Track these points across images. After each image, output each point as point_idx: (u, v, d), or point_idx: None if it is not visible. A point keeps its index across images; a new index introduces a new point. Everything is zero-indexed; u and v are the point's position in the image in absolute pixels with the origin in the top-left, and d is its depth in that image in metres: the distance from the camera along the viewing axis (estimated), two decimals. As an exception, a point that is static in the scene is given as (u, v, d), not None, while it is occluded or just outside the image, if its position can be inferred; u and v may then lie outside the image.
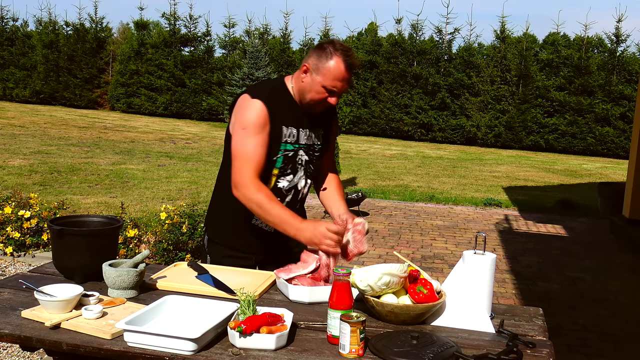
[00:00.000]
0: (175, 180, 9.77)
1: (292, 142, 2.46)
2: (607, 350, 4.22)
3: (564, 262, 6.44)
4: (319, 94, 2.37)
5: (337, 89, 2.36)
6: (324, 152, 2.61)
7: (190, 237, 5.63)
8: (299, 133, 2.47)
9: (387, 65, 19.62)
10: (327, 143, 2.62)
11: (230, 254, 2.58)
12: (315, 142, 2.54)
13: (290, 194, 2.52)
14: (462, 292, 2.01)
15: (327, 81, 2.34)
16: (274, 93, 2.45)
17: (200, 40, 22.08)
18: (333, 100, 2.39)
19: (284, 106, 2.43)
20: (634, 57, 18.40)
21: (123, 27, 32.00)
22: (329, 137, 2.63)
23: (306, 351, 1.73)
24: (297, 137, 2.47)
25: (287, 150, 2.45)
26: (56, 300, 1.88)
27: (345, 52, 2.35)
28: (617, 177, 13.31)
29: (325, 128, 2.58)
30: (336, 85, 2.35)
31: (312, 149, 2.52)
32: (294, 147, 2.46)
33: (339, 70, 2.33)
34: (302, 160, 2.50)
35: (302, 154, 2.49)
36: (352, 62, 2.35)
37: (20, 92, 23.03)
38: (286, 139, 2.43)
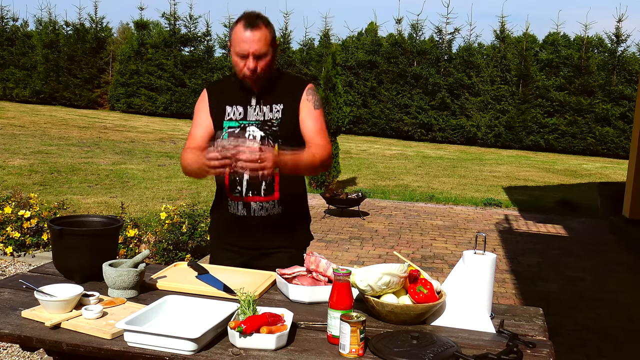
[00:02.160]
0: (175, 180, 9.77)
1: (237, 119, 2.53)
2: (607, 350, 4.22)
3: (564, 262, 6.44)
4: (237, 64, 2.44)
5: (246, 51, 2.38)
6: (289, 127, 2.50)
7: (190, 237, 5.63)
8: (247, 110, 2.53)
9: (387, 65, 19.62)
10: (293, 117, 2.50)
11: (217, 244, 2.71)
12: (273, 117, 2.51)
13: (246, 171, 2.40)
14: (462, 292, 2.01)
15: (235, 48, 2.42)
16: (221, 80, 2.72)
17: (200, 40, 22.08)
18: (249, 64, 2.38)
19: (230, 88, 2.58)
20: (634, 57, 18.40)
21: (123, 27, 32.01)
22: (296, 111, 2.51)
23: (306, 351, 1.73)
24: (244, 114, 2.53)
25: (232, 127, 2.52)
26: (56, 300, 1.88)
27: (246, 15, 2.42)
28: (617, 177, 13.31)
29: (286, 102, 2.52)
30: (242, 47, 2.39)
31: (267, 124, 2.50)
32: (239, 124, 2.52)
33: (239, 33, 2.40)
34: (253, 136, 2.49)
35: (254, 129, 2.50)
36: (251, 20, 2.38)
37: (20, 92, 23.03)
38: (230, 116, 2.53)
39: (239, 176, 2.50)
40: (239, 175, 2.50)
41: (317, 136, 2.53)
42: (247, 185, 2.51)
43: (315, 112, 2.55)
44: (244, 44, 2.39)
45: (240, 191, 2.52)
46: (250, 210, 2.52)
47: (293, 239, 2.62)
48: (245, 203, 2.51)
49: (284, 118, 2.52)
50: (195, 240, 5.67)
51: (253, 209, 2.52)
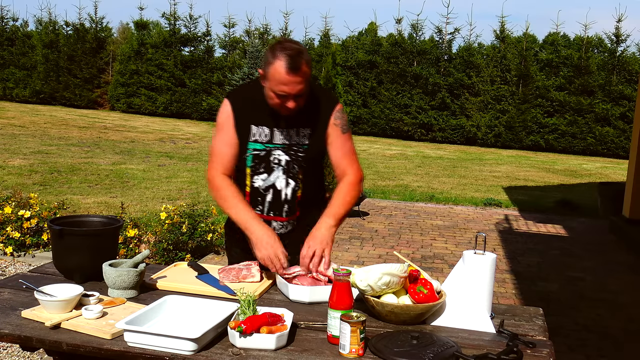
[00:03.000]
0: (175, 180, 9.77)
1: (263, 141, 2.42)
2: (607, 350, 4.21)
3: (564, 262, 6.44)
4: (272, 100, 2.31)
5: (286, 93, 2.25)
6: (317, 153, 2.48)
7: (190, 237, 5.63)
8: (273, 132, 2.41)
9: (387, 65, 19.62)
10: (321, 142, 2.46)
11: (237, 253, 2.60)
12: (299, 142, 2.43)
13: (269, 194, 2.45)
14: (462, 292, 2.01)
15: (273, 86, 2.27)
16: (246, 93, 2.50)
17: (200, 40, 22.08)
18: (290, 104, 2.28)
19: (255, 106, 2.41)
20: (634, 57, 18.40)
21: (123, 27, 32.00)
22: (324, 135, 2.46)
23: (306, 351, 1.73)
24: (270, 136, 2.42)
25: (257, 150, 2.42)
26: (56, 300, 1.88)
27: (288, 52, 2.22)
28: (617, 177, 13.31)
29: (314, 126, 2.44)
30: (282, 89, 2.25)
31: (293, 149, 2.43)
32: (265, 147, 2.42)
33: (280, 74, 2.23)
34: (279, 160, 2.42)
35: (280, 153, 2.42)
36: (293, 63, 2.21)
37: (20, 92, 23.03)
38: (255, 137, 2.42)
39: (261, 196, 2.46)
40: (262, 196, 2.46)
41: (345, 161, 2.49)
42: (269, 206, 2.47)
43: (343, 136, 2.48)
44: (284, 86, 2.25)
45: (262, 210, 2.47)
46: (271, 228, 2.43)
47: None
48: (265, 221, 2.43)
49: (311, 143, 2.45)
50: (195, 240, 5.67)
51: (273, 227, 2.46)
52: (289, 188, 2.45)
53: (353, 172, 2.50)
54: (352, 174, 2.50)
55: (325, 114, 2.46)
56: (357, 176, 2.50)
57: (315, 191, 2.57)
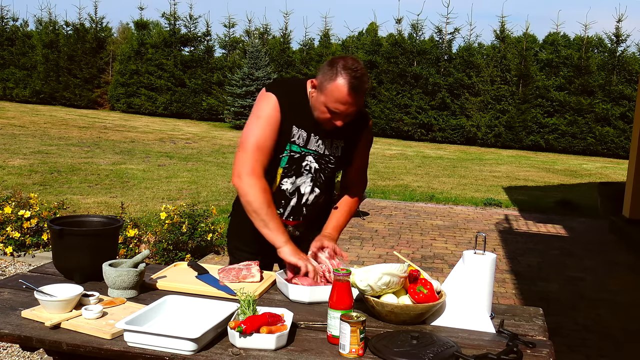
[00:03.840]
0: (175, 180, 9.77)
1: (300, 144, 2.38)
2: (607, 350, 4.21)
3: (564, 262, 6.44)
4: (323, 114, 2.27)
5: (340, 111, 2.23)
6: (343, 166, 2.51)
7: (190, 237, 5.63)
8: (309, 137, 2.38)
9: (387, 65, 19.62)
10: (350, 157, 2.49)
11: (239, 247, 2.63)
12: (331, 153, 2.43)
13: (295, 198, 2.46)
14: (462, 292, 2.01)
15: (329, 102, 2.22)
16: (291, 91, 2.40)
17: (200, 40, 22.09)
18: (338, 122, 2.26)
19: (299, 107, 2.35)
20: (634, 57, 18.40)
21: (123, 27, 32.02)
22: (353, 151, 2.48)
23: (306, 351, 1.73)
24: (306, 141, 2.38)
25: (294, 152, 2.38)
26: (56, 300, 1.88)
27: (352, 73, 2.17)
28: (617, 177, 13.31)
29: (347, 140, 2.44)
30: (338, 107, 2.22)
31: (324, 159, 2.42)
32: (300, 150, 2.39)
33: (341, 93, 2.18)
34: (310, 167, 2.41)
35: (311, 160, 2.41)
36: (357, 84, 2.17)
37: (20, 92, 23.04)
38: (294, 139, 2.37)
39: (285, 199, 2.45)
40: (286, 199, 2.45)
41: (360, 173, 2.61)
42: (290, 211, 2.47)
43: (367, 152, 2.57)
44: (342, 105, 2.21)
45: (282, 214, 2.46)
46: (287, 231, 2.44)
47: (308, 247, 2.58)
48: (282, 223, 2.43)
49: (342, 156, 2.47)
50: (195, 240, 5.68)
51: (289, 230, 2.46)
52: (313, 195, 2.47)
53: (364, 183, 2.66)
54: (363, 185, 2.66)
55: (358, 129, 2.47)
56: (364, 187, 2.67)
57: (329, 198, 2.61)
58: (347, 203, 2.57)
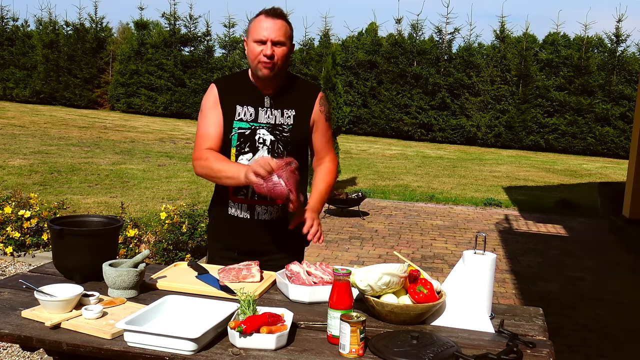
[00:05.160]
0: (175, 180, 9.77)
1: (248, 120, 2.48)
2: (607, 350, 4.21)
3: (564, 262, 6.44)
4: (253, 52, 2.41)
5: (265, 38, 2.38)
6: (301, 134, 2.53)
7: (190, 237, 5.63)
8: (258, 112, 2.49)
9: (387, 65, 19.62)
10: (305, 124, 2.53)
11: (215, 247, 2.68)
12: (284, 122, 2.50)
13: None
14: (462, 292, 2.01)
15: (254, 35, 2.41)
16: (231, 77, 2.62)
17: (200, 40, 22.08)
18: (266, 51, 2.37)
19: (240, 87, 2.52)
20: (634, 57, 18.40)
21: (123, 27, 31.99)
22: (307, 118, 2.54)
23: (306, 351, 1.73)
24: (255, 115, 2.49)
25: (242, 129, 2.48)
26: (56, 300, 1.88)
27: (265, 9, 2.43)
28: (617, 177, 13.31)
29: (298, 109, 2.52)
30: (261, 33, 2.38)
31: (278, 129, 2.49)
32: (250, 125, 2.48)
33: (259, 20, 2.40)
34: (263, 140, 2.48)
35: (264, 132, 2.48)
36: (272, 11, 2.41)
37: (20, 92, 23.03)
38: (240, 117, 2.48)
39: None
40: None
41: (326, 147, 2.64)
42: (252, 189, 2.46)
43: (326, 123, 2.61)
44: (263, 30, 2.39)
45: (246, 194, 2.51)
46: (255, 214, 2.52)
47: (293, 243, 2.61)
48: (249, 206, 2.51)
49: (295, 125, 2.52)
50: (195, 240, 5.67)
51: (257, 212, 2.51)
52: None
53: (332, 158, 2.67)
54: (331, 160, 2.67)
55: (309, 98, 2.56)
56: (335, 163, 2.69)
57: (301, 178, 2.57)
58: (323, 176, 2.62)
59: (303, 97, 2.55)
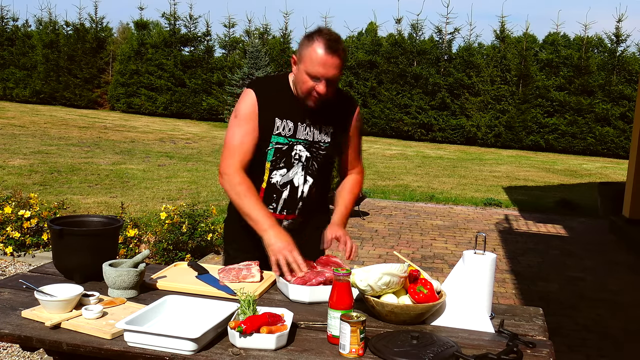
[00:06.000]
0: (175, 180, 9.77)
1: (286, 135, 2.39)
2: (607, 350, 4.21)
3: (564, 262, 6.44)
4: (305, 83, 2.29)
5: (321, 75, 2.25)
6: (335, 151, 2.51)
7: (190, 237, 5.63)
8: (297, 127, 2.39)
9: (387, 65, 19.62)
10: (340, 141, 2.50)
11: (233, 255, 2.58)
12: (321, 139, 2.43)
13: (286, 190, 2.44)
14: (462, 292, 2.01)
15: (309, 67, 2.26)
16: (271, 85, 2.49)
17: (200, 40, 22.09)
18: (320, 88, 2.27)
19: (281, 98, 2.39)
20: (634, 57, 18.40)
21: (123, 27, 31.99)
22: (344, 135, 2.50)
23: (306, 351, 1.73)
24: (294, 130, 2.39)
25: (280, 144, 2.39)
26: (56, 300, 1.88)
27: (326, 36, 2.25)
28: (617, 177, 13.31)
29: (336, 125, 2.47)
30: (318, 70, 2.25)
31: (315, 146, 2.42)
32: (288, 141, 2.39)
33: (318, 54, 2.24)
34: (299, 156, 2.41)
35: (301, 149, 2.41)
36: (332, 45, 2.24)
37: (20, 92, 23.04)
38: (279, 131, 2.38)
39: (277, 193, 2.43)
40: (278, 192, 2.43)
41: (356, 160, 2.64)
42: (283, 204, 2.45)
43: (359, 137, 2.60)
44: (320, 67, 2.24)
45: (275, 208, 2.45)
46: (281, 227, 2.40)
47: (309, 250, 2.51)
48: (277, 219, 2.40)
49: (333, 142, 2.47)
50: (195, 240, 5.67)
51: (283, 225, 2.44)
52: (306, 185, 2.45)
53: (360, 170, 2.67)
54: (360, 172, 2.67)
55: (347, 114, 2.51)
56: (362, 174, 2.68)
57: (325, 191, 2.60)
58: (350, 187, 2.62)
59: (341, 112, 2.48)
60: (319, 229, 2.53)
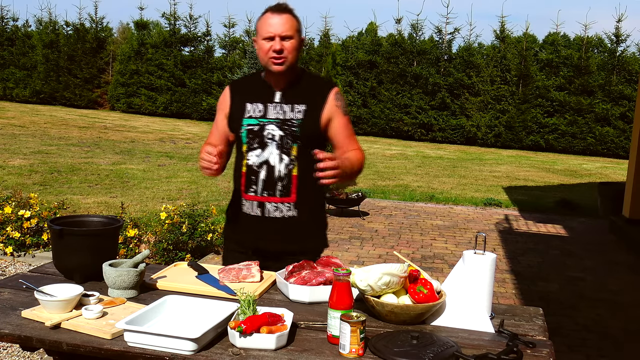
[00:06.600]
0: (175, 180, 9.77)
1: (257, 116, 2.51)
2: (607, 350, 4.22)
3: (564, 262, 6.44)
4: (263, 49, 2.45)
5: (273, 33, 2.41)
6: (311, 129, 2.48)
7: (190, 237, 5.63)
8: (267, 108, 2.51)
9: (387, 65, 19.62)
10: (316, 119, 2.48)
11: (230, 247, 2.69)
12: (294, 117, 2.47)
13: (263, 170, 2.47)
14: (462, 292, 2.01)
15: (262, 32, 2.45)
16: (244, 78, 2.74)
17: (200, 40, 22.08)
18: (277, 45, 2.41)
19: (251, 86, 2.59)
20: (634, 57, 18.40)
21: (123, 27, 31.98)
22: (318, 112, 2.49)
23: (306, 351, 1.73)
24: (264, 111, 2.51)
25: (251, 125, 2.50)
26: (56, 300, 1.88)
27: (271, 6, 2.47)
28: (617, 177, 13.31)
29: (309, 103, 2.49)
30: (269, 29, 2.42)
31: (287, 124, 2.47)
32: (259, 122, 2.49)
33: (266, 17, 2.45)
34: (272, 135, 2.47)
35: (273, 128, 2.47)
36: (278, 6, 2.45)
37: (20, 92, 23.03)
38: (250, 114, 2.52)
39: (255, 174, 2.49)
40: (255, 173, 2.48)
41: (350, 142, 2.58)
42: (262, 185, 2.48)
43: (345, 118, 2.57)
44: (270, 27, 2.43)
45: (256, 190, 2.50)
46: (265, 211, 2.49)
47: (306, 245, 2.56)
48: (260, 203, 2.49)
49: (305, 119, 2.48)
50: (195, 240, 5.67)
51: (267, 209, 2.48)
52: (283, 164, 2.47)
53: (358, 147, 2.60)
54: (359, 149, 2.60)
55: (321, 93, 2.54)
56: (363, 152, 2.61)
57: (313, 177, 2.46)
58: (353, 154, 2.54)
59: (315, 92, 2.53)
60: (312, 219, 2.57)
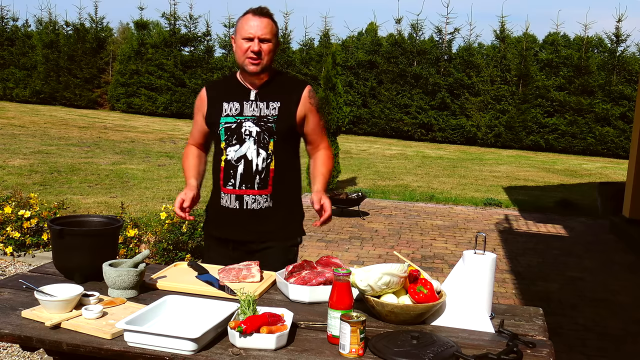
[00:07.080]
0: (175, 180, 9.77)
1: (234, 114, 2.60)
2: (607, 350, 4.22)
3: (564, 262, 6.44)
4: (241, 49, 2.55)
5: (252, 34, 2.52)
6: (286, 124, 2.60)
7: (190, 237, 5.63)
8: (243, 106, 2.61)
9: (387, 65, 19.62)
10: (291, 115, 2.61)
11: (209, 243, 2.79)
12: (269, 114, 2.59)
13: (241, 164, 2.58)
14: (462, 292, 2.01)
15: (242, 32, 2.54)
16: (222, 78, 2.88)
17: (200, 40, 22.07)
18: (255, 46, 2.51)
19: (227, 86, 2.70)
20: (634, 57, 18.39)
21: (123, 27, 31.98)
22: (292, 108, 2.61)
23: (306, 351, 1.73)
24: (240, 109, 2.61)
25: (229, 123, 2.60)
26: (56, 300, 1.88)
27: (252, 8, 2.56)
28: (617, 177, 13.31)
29: (283, 100, 2.61)
30: (249, 31, 2.52)
31: (263, 120, 2.58)
32: (236, 119, 2.59)
33: (247, 18, 2.54)
34: (250, 131, 2.57)
35: (250, 125, 2.58)
36: (259, 9, 2.54)
37: (20, 92, 23.03)
38: (227, 112, 2.62)
39: (233, 169, 2.59)
40: (234, 168, 2.58)
41: (320, 136, 2.75)
42: (240, 179, 2.58)
43: (318, 114, 2.72)
44: (251, 28, 2.52)
45: (234, 184, 2.59)
46: (243, 203, 2.59)
47: (285, 234, 2.67)
48: (238, 196, 2.59)
49: (281, 115, 2.60)
50: (195, 240, 5.67)
51: (246, 201, 2.59)
52: (260, 158, 2.58)
53: (327, 145, 2.80)
54: (327, 147, 2.80)
55: (296, 90, 2.65)
56: (331, 150, 2.83)
57: (290, 172, 2.69)
58: (323, 161, 2.75)
59: (289, 90, 2.65)
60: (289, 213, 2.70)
